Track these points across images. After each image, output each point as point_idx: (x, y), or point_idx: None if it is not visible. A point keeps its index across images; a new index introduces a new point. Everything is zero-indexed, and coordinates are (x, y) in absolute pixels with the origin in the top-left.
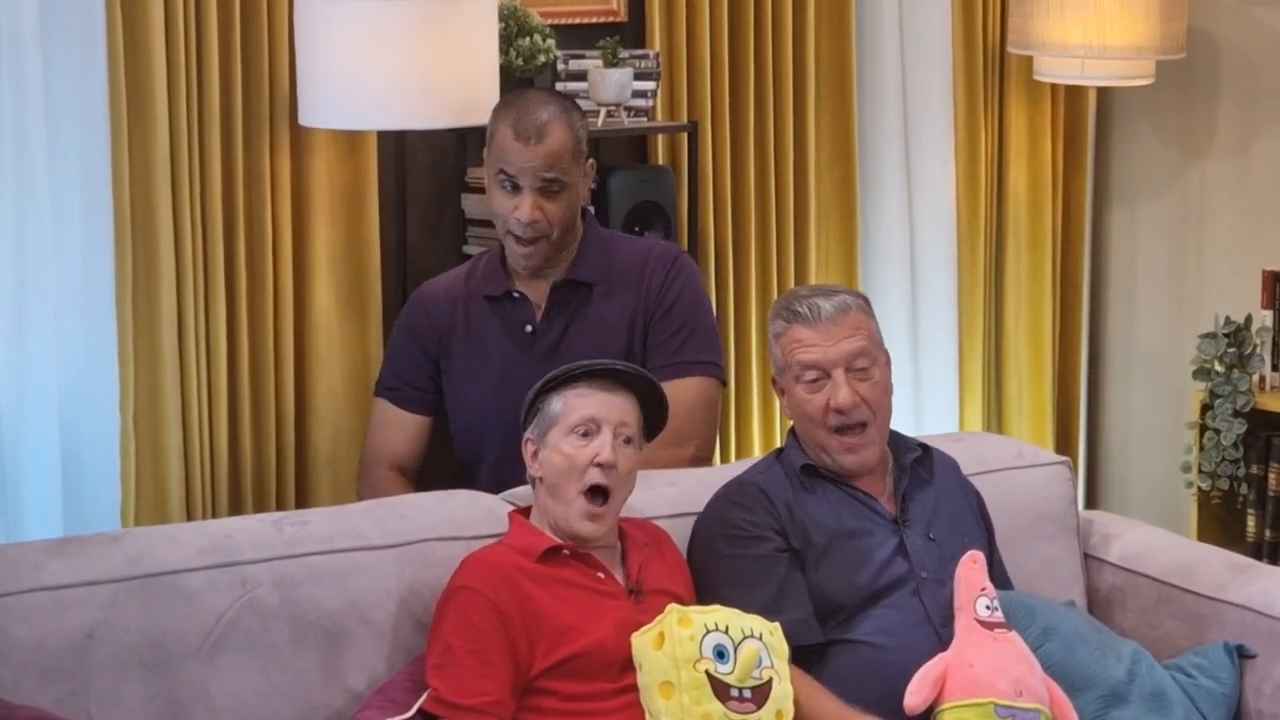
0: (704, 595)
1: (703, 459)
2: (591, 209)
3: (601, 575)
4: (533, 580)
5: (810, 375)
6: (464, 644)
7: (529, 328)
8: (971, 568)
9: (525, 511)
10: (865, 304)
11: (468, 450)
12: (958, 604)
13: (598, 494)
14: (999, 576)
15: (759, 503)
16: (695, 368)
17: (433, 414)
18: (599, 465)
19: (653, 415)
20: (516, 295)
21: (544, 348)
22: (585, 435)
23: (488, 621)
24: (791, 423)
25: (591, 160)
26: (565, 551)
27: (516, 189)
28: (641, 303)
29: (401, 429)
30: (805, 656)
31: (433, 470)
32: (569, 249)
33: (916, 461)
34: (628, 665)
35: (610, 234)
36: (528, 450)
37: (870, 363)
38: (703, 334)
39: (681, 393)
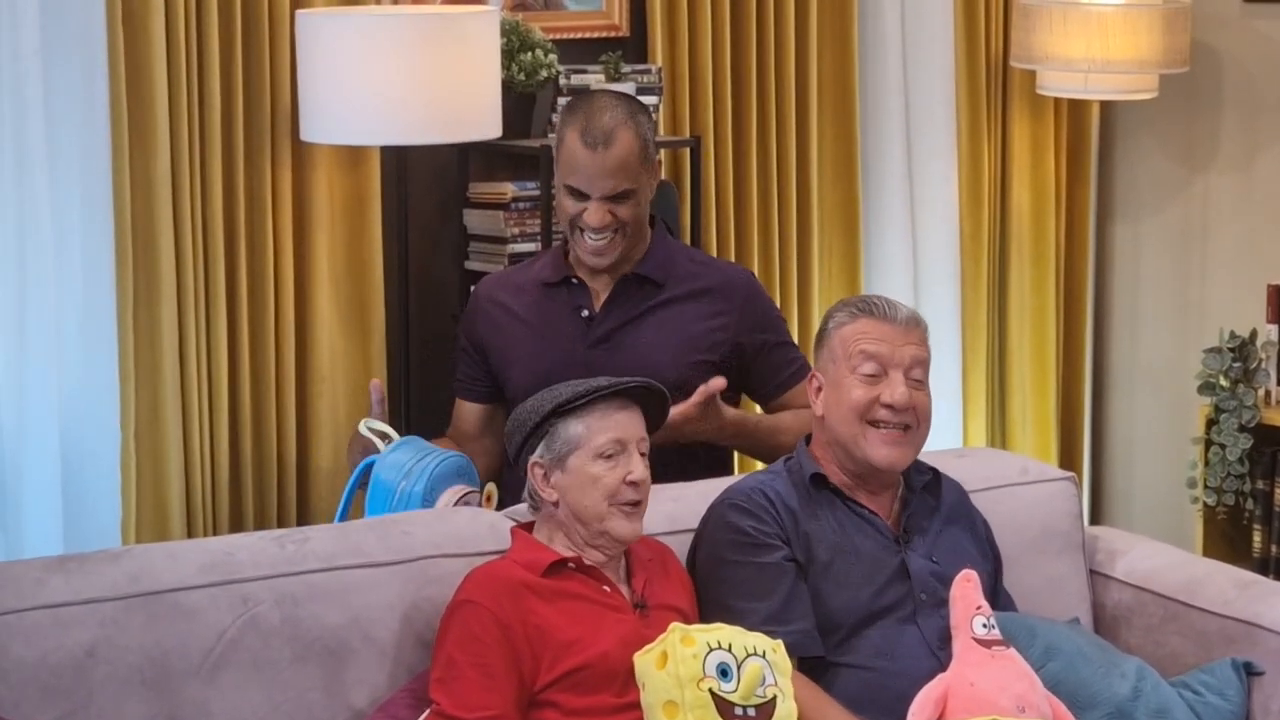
0: (708, 601)
1: None
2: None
3: (607, 589)
4: (537, 594)
5: (869, 368)
6: (467, 658)
7: (585, 312)
8: (966, 586)
9: (527, 526)
10: (927, 329)
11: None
12: (954, 623)
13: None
14: (1004, 605)
15: (767, 511)
16: (806, 369)
17: (488, 403)
18: (632, 484)
19: (653, 416)
20: (575, 281)
21: (600, 334)
22: (610, 457)
23: (491, 635)
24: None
25: (659, 158)
26: (570, 565)
27: (584, 197)
28: (743, 326)
29: (460, 414)
30: (807, 671)
31: None
32: (640, 247)
33: (926, 487)
34: (632, 679)
35: (676, 243)
36: (535, 474)
37: (924, 378)
38: (793, 345)
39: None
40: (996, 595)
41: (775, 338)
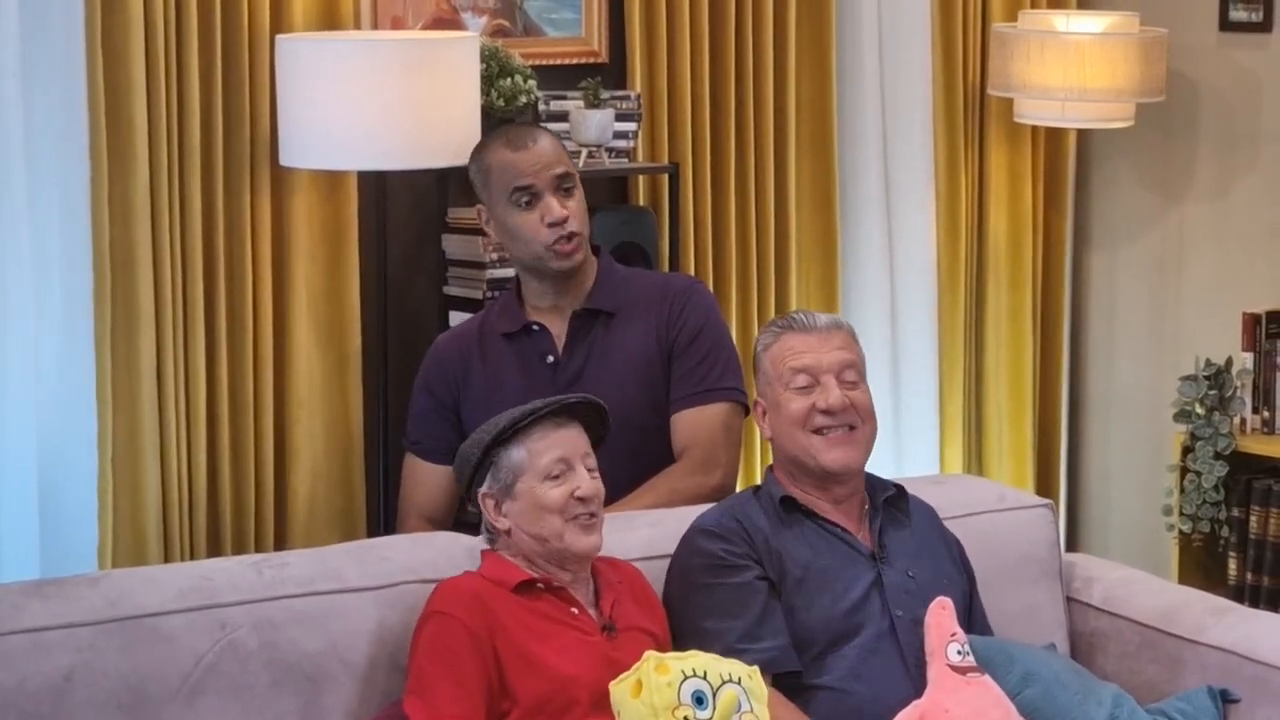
0: (682, 625)
1: (728, 486)
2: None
3: (575, 610)
4: (506, 609)
5: (801, 380)
6: (439, 669)
7: (550, 358)
8: (940, 613)
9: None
10: (851, 328)
11: None
12: (929, 650)
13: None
14: (979, 625)
15: (737, 534)
16: (718, 394)
17: None
18: (581, 499)
19: (594, 431)
20: (536, 327)
21: (567, 377)
22: (557, 477)
23: (462, 645)
24: (767, 465)
25: (572, 159)
26: (539, 585)
27: (534, 198)
28: (662, 333)
29: (427, 480)
30: (783, 689)
31: None
32: (587, 274)
33: (890, 501)
34: (600, 703)
35: (627, 269)
36: (487, 505)
37: (858, 377)
38: (724, 361)
39: (706, 419)
40: (971, 613)
41: (690, 345)
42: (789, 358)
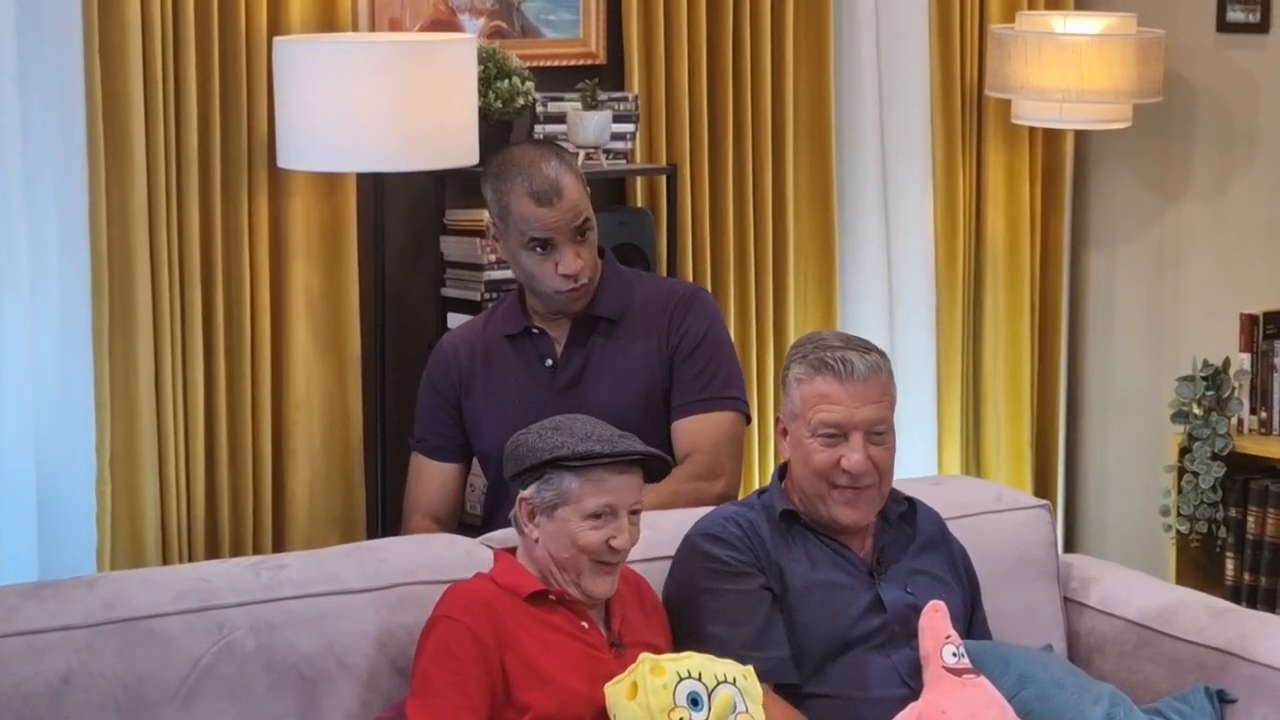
0: (684, 630)
1: (730, 495)
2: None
3: (585, 625)
4: (516, 619)
5: (827, 431)
6: (443, 674)
7: (549, 361)
8: (935, 616)
9: (511, 551)
10: (889, 364)
11: (489, 480)
12: (924, 653)
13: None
14: (980, 633)
15: (740, 540)
16: (722, 403)
17: (462, 461)
18: (613, 549)
19: (653, 471)
20: (536, 331)
21: (564, 381)
22: (598, 517)
23: (468, 652)
24: (778, 465)
25: (588, 187)
26: (551, 597)
27: (551, 248)
28: (664, 341)
29: (432, 478)
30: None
31: None
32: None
33: (902, 516)
34: (604, 717)
35: (631, 271)
36: (522, 508)
37: (887, 428)
38: (727, 370)
39: (710, 428)
40: (973, 622)
41: (694, 352)
42: (820, 407)
